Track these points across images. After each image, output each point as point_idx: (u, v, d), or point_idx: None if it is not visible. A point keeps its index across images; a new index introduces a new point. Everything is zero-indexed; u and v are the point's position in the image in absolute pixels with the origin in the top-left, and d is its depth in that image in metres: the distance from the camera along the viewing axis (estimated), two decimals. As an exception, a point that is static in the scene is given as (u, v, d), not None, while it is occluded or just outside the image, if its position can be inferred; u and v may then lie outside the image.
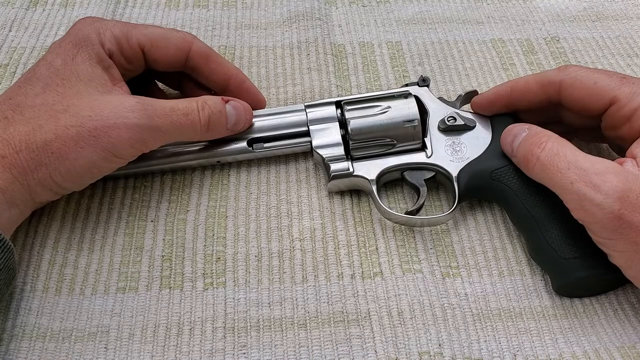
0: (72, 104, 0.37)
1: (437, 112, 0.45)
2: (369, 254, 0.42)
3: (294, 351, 0.38)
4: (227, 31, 0.58)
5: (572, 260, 0.38)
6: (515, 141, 0.41)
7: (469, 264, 0.43)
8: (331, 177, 0.44)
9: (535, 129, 0.40)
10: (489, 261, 0.43)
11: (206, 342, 0.38)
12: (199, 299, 0.40)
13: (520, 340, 0.39)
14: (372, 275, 0.41)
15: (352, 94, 0.49)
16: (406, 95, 0.45)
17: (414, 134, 0.44)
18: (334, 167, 0.44)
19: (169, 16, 0.59)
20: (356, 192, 0.46)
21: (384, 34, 0.59)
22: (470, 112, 0.46)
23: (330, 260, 0.42)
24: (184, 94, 0.49)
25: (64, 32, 0.45)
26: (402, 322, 0.39)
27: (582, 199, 0.35)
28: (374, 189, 0.43)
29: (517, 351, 0.38)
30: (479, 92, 0.46)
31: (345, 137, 0.45)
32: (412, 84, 0.47)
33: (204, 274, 0.41)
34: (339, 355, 0.38)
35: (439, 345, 0.38)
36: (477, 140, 0.45)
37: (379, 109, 0.44)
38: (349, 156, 0.44)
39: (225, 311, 0.39)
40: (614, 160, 0.37)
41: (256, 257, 0.42)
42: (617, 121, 0.40)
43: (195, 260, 0.42)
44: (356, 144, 0.44)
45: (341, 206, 0.45)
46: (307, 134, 0.45)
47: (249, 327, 0.39)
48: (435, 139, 0.45)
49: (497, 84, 0.48)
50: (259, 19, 0.59)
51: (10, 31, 0.56)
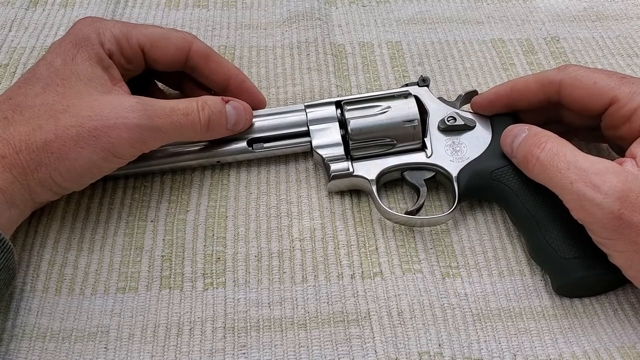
0: (72, 104, 0.37)
1: (437, 112, 0.45)
2: (368, 254, 0.42)
3: (294, 351, 0.38)
4: (227, 31, 0.58)
5: (572, 260, 0.38)
6: (515, 142, 0.41)
7: (469, 264, 0.43)
8: (331, 177, 0.44)
9: (535, 129, 0.40)
10: (488, 261, 0.43)
11: (206, 342, 0.38)
12: (199, 299, 0.40)
13: (520, 340, 0.39)
14: (372, 275, 0.41)
15: (352, 94, 0.49)
16: (406, 95, 0.45)
17: (413, 134, 0.44)
18: (334, 167, 0.44)
19: (169, 16, 0.59)
20: (356, 192, 0.46)
21: (384, 34, 0.58)
22: (470, 112, 0.46)
23: (330, 260, 0.42)
24: (184, 94, 0.49)
25: (63, 32, 0.45)
26: (402, 322, 0.39)
27: (582, 199, 0.35)
28: (374, 189, 0.43)
29: (517, 351, 0.38)
30: (479, 92, 0.46)
31: (345, 137, 0.45)
32: (412, 84, 0.47)
33: (204, 274, 0.41)
34: (338, 355, 0.38)
35: (439, 345, 0.38)
36: (477, 140, 0.45)
37: (379, 109, 0.44)
38: (348, 156, 0.44)
39: (225, 311, 0.39)
40: (613, 160, 0.37)
41: (256, 257, 0.42)
42: (617, 121, 0.40)
43: (195, 260, 0.42)
44: (356, 144, 0.44)
45: (341, 206, 0.45)
46: (307, 134, 0.45)
47: (248, 327, 0.39)
48: (435, 139, 0.45)
49: (497, 84, 0.48)
50: (259, 19, 0.59)
51: (10, 31, 0.56)
